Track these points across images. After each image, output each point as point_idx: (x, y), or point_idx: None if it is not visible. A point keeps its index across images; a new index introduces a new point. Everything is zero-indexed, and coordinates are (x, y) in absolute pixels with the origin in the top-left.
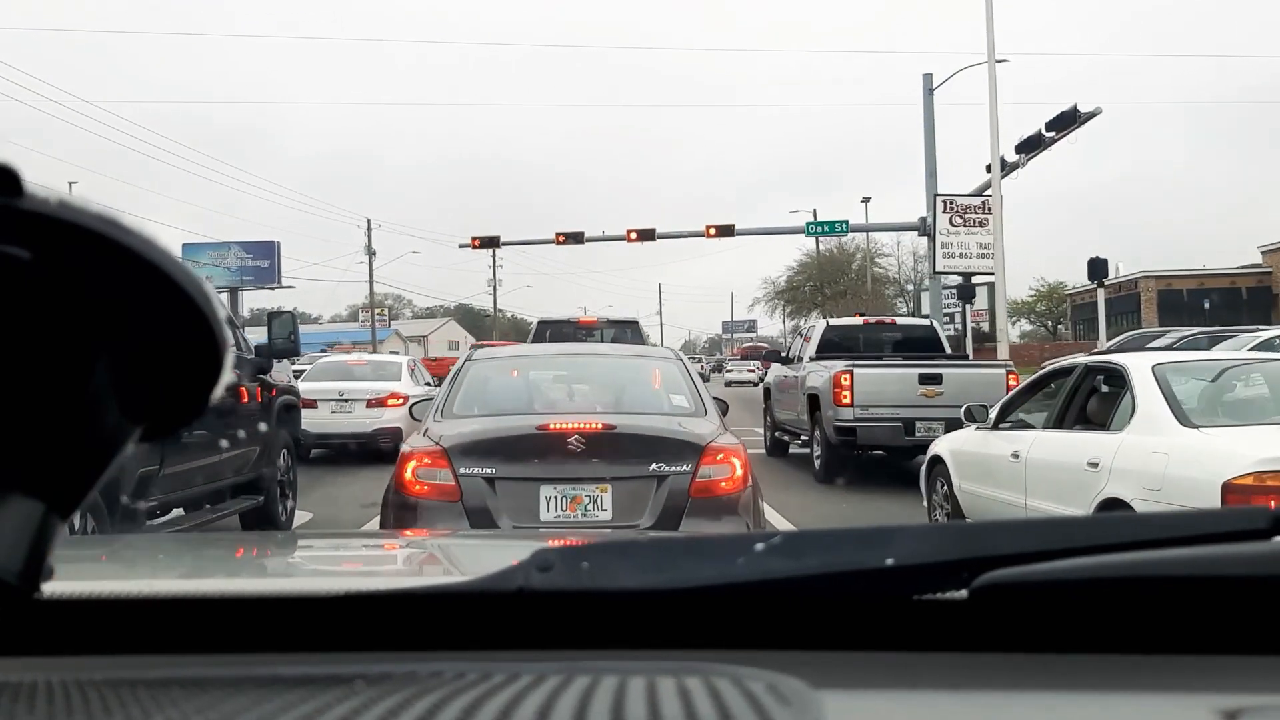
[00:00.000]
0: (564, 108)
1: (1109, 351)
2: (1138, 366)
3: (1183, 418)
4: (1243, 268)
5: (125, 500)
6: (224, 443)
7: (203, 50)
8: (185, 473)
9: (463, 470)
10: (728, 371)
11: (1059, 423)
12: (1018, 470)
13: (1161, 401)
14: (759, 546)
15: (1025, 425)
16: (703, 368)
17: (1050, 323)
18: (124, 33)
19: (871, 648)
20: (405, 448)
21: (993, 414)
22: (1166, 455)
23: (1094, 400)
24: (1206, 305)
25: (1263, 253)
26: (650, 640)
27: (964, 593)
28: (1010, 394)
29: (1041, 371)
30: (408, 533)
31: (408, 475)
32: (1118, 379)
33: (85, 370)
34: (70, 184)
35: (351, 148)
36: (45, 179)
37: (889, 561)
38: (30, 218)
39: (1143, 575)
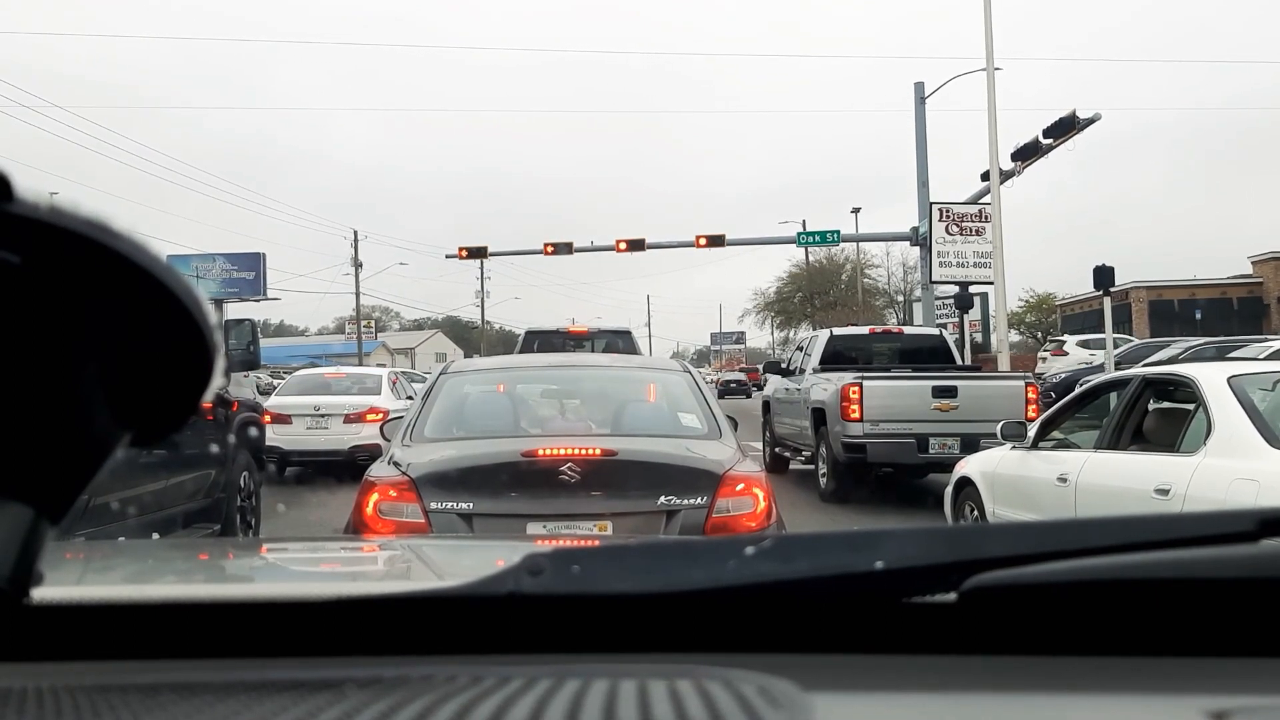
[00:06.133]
0: (553, 115)
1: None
2: (1210, 379)
3: (1272, 438)
4: (1233, 278)
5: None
6: (173, 466)
7: (185, 54)
8: (124, 501)
9: (434, 505)
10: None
11: (1113, 443)
12: (1065, 495)
13: (1244, 419)
14: (749, 550)
15: (1069, 445)
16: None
17: (1039, 334)
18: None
19: (861, 650)
20: (368, 476)
21: (1031, 432)
22: (1256, 482)
23: (1154, 417)
24: (1198, 315)
25: (1253, 263)
26: (641, 644)
27: (953, 595)
28: (1051, 411)
29: (1087, 385)
30: (398, 537)
31: (369, 510)
32: (1185, 393)
33: (76, 374)
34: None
35: (337, 158)
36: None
37: (878, 564)
38: (20, 222)
39: (1131, 578)
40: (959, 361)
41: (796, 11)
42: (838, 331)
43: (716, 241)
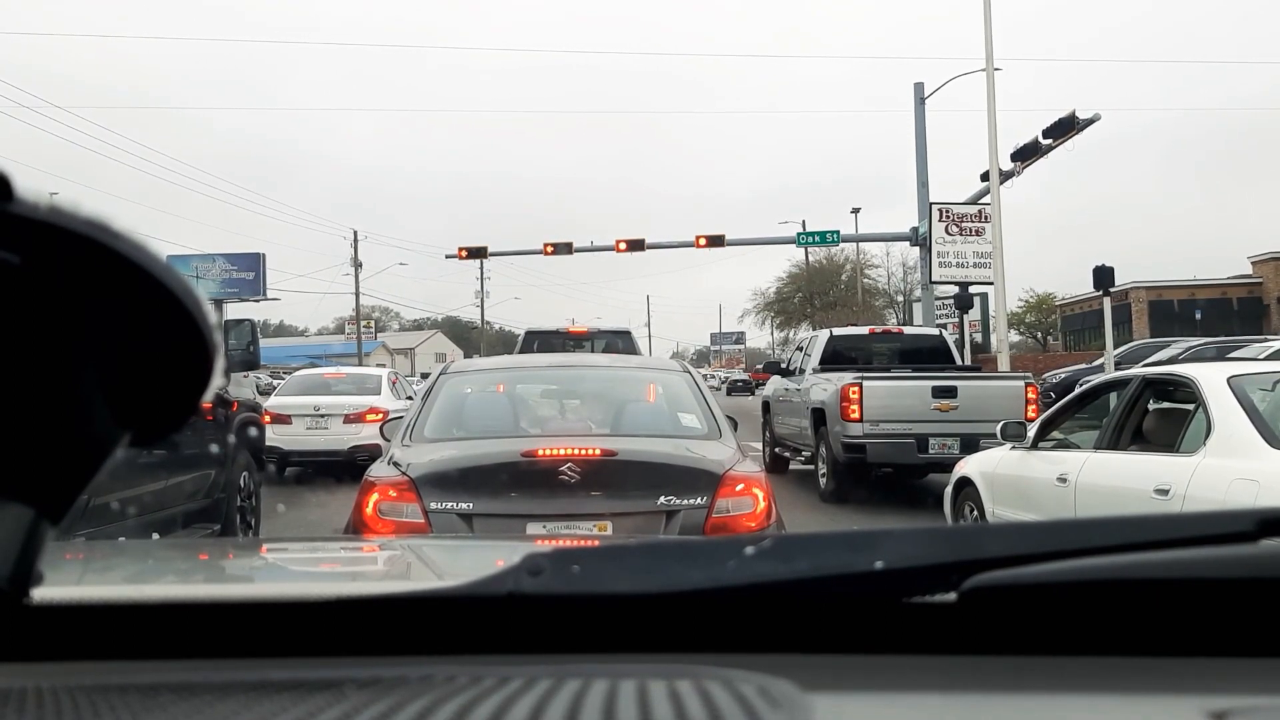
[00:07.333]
0: (554, 116)
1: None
2: (1210, 379)
3: (1272, 438)
4: (1233, 278)
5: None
6: (173, 466)
7: (185, 55)
8: (124, 501)
9: (434, 505)
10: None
11: (1113, 443)
12: (1065, 495)
13: (1244, 419)
14: (749, 550)
15: (1069, 445)
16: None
17: (1039, 334)
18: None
19: (861, 650)
20: (368, 476)
21: (1031, 432)
22: (1256, 482)
23: (1154, 418)
24: (1198, 315)
25: (1253, 263)
26: (641, 644)
27: (953, 595)
28: (1050, 411)
29: (1087, 385)
30: (397, 537)
31: (369, 510)
32: (1185, 393)
33: (76, 374)
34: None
35: (337, 158)
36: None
37: (878, 565)
38: (20, 222)
39: (1130, 578)
40: (959, 362)
41: (797, 15)
42: (837, 332)
43: (716, 242)
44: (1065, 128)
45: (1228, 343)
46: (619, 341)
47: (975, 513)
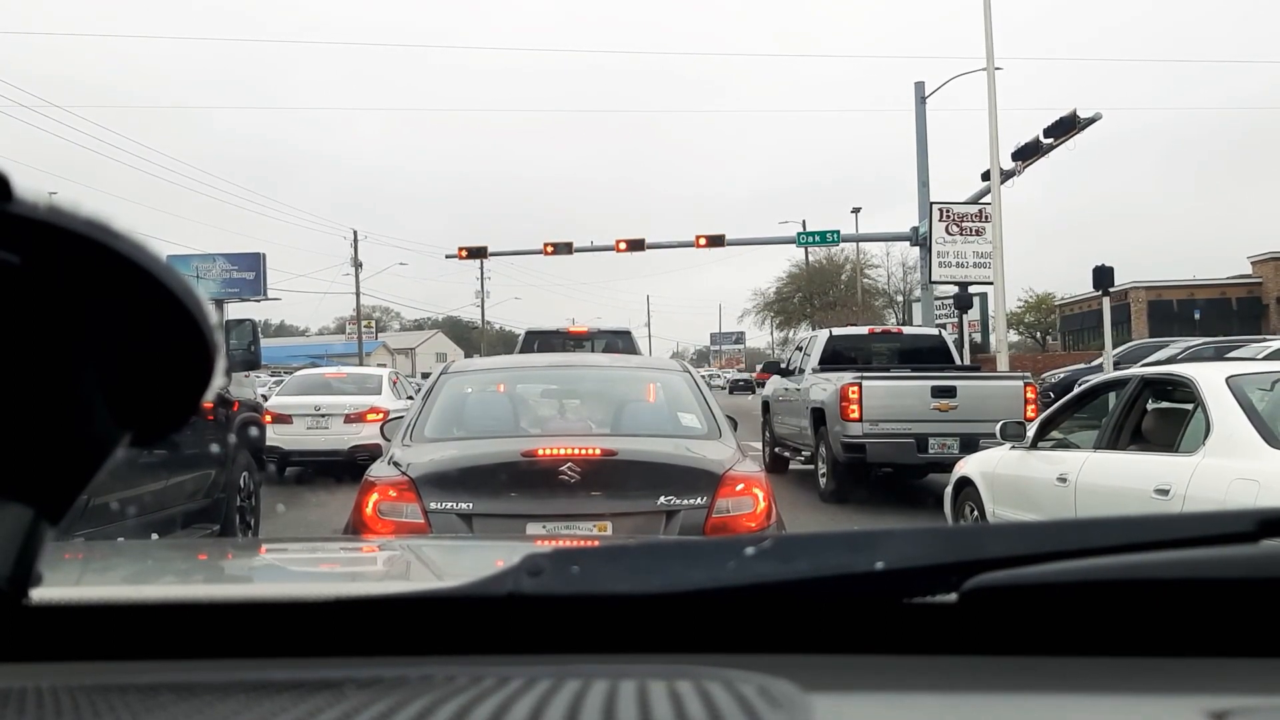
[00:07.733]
0: (555, 116)
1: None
2: (1209, 379)
3: (1271, 438)
4: (1233, 278)
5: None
6: (173, 466)
7: (186, 55)
8: (124, 501)
9: (433, 505)
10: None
11: (1113, 443)
12: (1065, 495)
13: (1243, 419)
14: (749, 550)
15: (1069, 445)
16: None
17: (1039, 334)
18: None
19: (862, 651)
20: (368, 476)
21: (1031, 432)
22: (1256, 483)
23: (1153, 417)
24: (1197, 315)
25: (1252, 263)
26: (641, 644)
27: (953, 596)
28: (1050, 410)
29: (1086, 385)
30: (397, 538)
31: (369, 511)
32: (1184, 393)
33: (76, 374)
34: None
35: (338, 159)
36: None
37: (879, 565)
38: (20, 222)
39: (1131, 578)
40: (958, 361)
41: (798, 15)
42: (837, 331)
43: (716, 241)
44: (1066, 127)
45: (1226, 343)
46: (619, 341)
47: (975, 513)
